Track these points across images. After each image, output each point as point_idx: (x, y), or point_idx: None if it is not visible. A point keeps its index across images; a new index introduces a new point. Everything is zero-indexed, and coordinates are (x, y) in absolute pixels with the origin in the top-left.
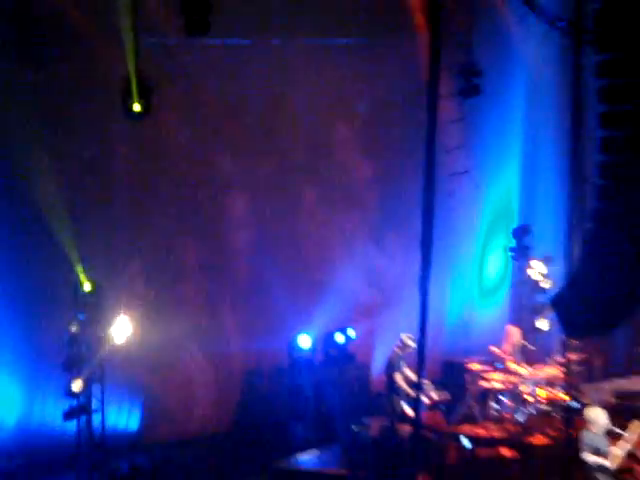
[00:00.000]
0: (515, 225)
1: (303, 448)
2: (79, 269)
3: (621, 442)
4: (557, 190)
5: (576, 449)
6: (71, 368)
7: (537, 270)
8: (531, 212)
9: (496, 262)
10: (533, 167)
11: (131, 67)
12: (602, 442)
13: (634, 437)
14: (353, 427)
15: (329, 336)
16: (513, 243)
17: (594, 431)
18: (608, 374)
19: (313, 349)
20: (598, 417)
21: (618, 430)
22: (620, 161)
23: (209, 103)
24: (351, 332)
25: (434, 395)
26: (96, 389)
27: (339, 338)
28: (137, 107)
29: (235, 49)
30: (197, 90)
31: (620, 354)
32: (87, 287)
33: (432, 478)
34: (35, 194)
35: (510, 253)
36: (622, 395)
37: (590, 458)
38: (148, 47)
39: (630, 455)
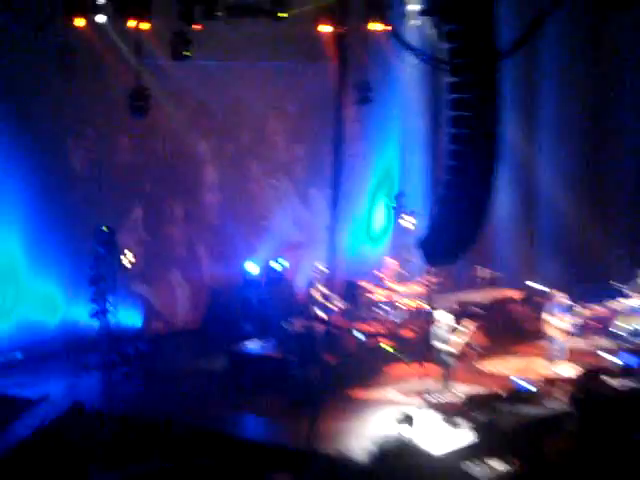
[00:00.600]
0: (396, 189)
1: (250, 338)
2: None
3: (460, 334)
4: (422, 165)
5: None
6: (94, 284)
7: (409, 221)
8: (406, 179)
9: (381, 215)
10: (407, 149)
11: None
12: (447, 335)
13: (468, 331)
14: (284, 324)
15: (269, 264)
16: (394, 203)
17: (442, 328)
18: (454, 289)
19: (258, 272)
20: (445, 318)
21: (459, 326)
22: (464, 151)
23: (189, 105)
24: (283, 262)
25: (339, 304)
26: (111, 297)
27: (276, 265)
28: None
29: (205, 68)
30: (182, 96)
31: (463, 275)
32: (104, 228)
33: (337, 358)
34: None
35: (391, 209)
36: (462, 303)
37: (439, 346)
38: (147, 66)
39: (466, 344)
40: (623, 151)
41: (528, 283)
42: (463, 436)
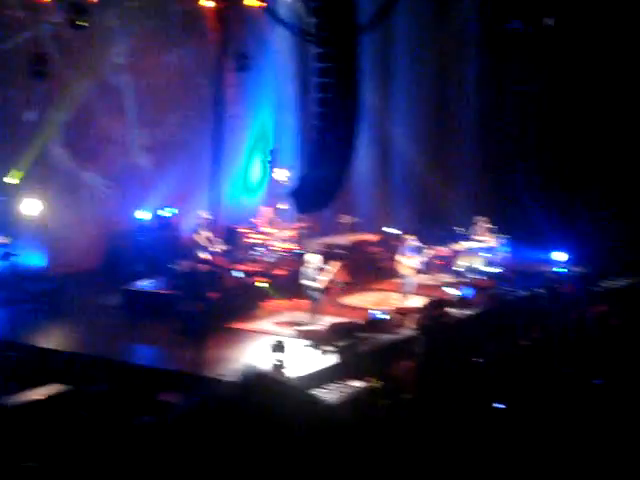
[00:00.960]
0: (270, 146)
1: (142, 277)
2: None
3: (325, 273)
4: (293, 124)
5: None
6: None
7: (282, 174)
8: (279, 138)
9: (257, 169)
10: (280, 111)
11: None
12: (315, 274)
13: (333, 270)
14: (172, 265)
15: (158, 211)
16: (269, 158)
17: (310, 267)
18: (321, 234)
19: (149, 219)
20: (313, 259)
21: (324, 266)
22: (329, 113)
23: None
24: (172, 210)
25: (221, 247)
26: (18, 241)
27: (165, 213)
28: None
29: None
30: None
31: (328, 222)
32: (8, 179)
33: (218, 294)
34: None
35: (267, 164)
36: (327, 246)
37: (307, 283)
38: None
39: (331, 281)
40: (464, 113)
41: (384, 228)
42: (327, 360)
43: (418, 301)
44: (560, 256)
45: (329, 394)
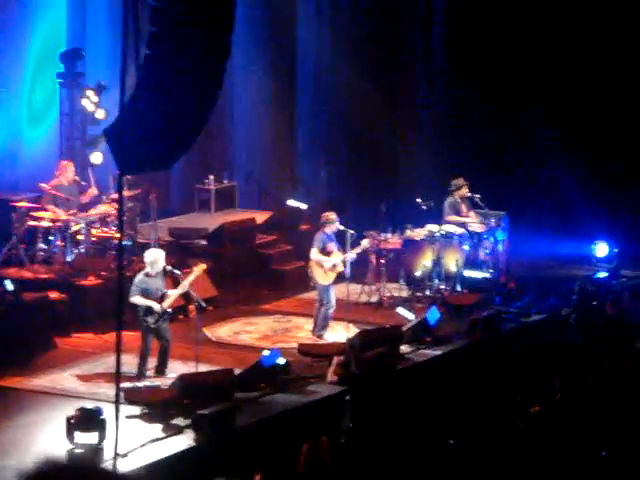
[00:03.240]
0: (63, 48)
1: None
2: None
3: (176, 282)
4: (110, 10)
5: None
6: None
7: (89, 99)
8: (83, 35)
9: (45, 89)
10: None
11: None
12: (157, 283)
13: (190, 277)
14: None
15: None
16: (62, 69)
17: (151, 272)
18: (165, 211)
19: None
20: (156, 257)
21: (174, 270)
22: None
23: None
24: None
25: None
26: None
27: None
28: None
29: None
30: None
31: (179, 191)
32: None
33: None
34: None
35: (58, 80)
36: (177, 233)
37: (139, 300)
38: None
39: (187, 297)
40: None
41: (289, 202)
42: (175, 442)
43: (342, 333)
44: (600, 250)
45: None
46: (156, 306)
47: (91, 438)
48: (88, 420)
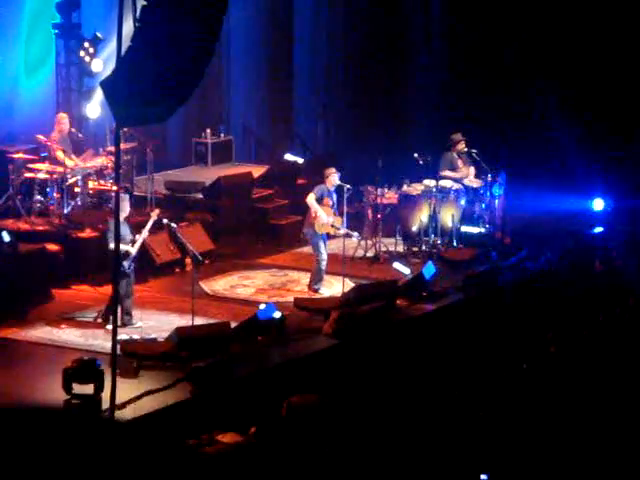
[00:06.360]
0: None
1: None
2: None
3: (170, 233)
4: None
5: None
6: None
7: (86, 51)
8: None
9: (41, 40)
10: None
11: None
12: (125, 229)
13: (179, 228)
14: None
15: None
16: (58, 19)
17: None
18: (162, 165)
19: None
20: (125, 202)
21: (170, 223)
22: None
23: None
24: None
25: None
26: None
27: None
28: None
29: None
30: None
31: (176, 145)
32: None
33: None
34: None
35: (55, 31)
36: (173, 186)
37: (129, 251)
38: None
39: (185, 250)
40: None
41: (287, 155)
42: (172, 395)
43: (338, 287)
44: (596, 204)
45: None
46: (132, 250)
47: (88, 389)
48: (85, 371)
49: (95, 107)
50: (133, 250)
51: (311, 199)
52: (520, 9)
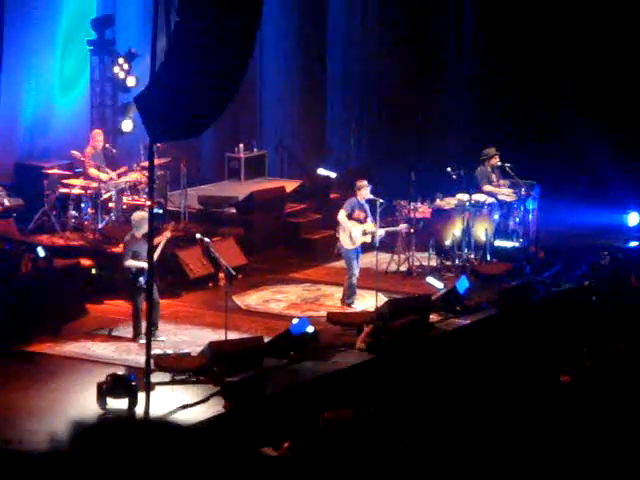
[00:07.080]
0: (94, 15)
1: None
2: None
3: (205, 248)
4: None
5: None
6: None
7: (121, 66)
8: (114, 2)
9: (76, 56)
10: None
11: None
12: (142, 245)
13: (220, 245)
14: None
15: None
16: (93, 36)
17: (137, 234)
18: (195, 180)
19: None
20: (142, 219)
21: (204, 238)
22: None
23: None
24: None
25: (5, 201)
26: None
27: None
28: None
29: None
30: None
31: (209, 160)
32: None
33: (5, 289)
34: None
35: (89, 47)
36: (207, 201)
37: (131, 263)
38: None
39: (219, 264)
40: None
41: (320, 170)
42: (205, 410)
43: (371, 302)
44: (631, 219)
45: None
46: (145, 265)
47: (122, 404)
48: (119, 386)
49: (129, 123)
50: (144, 264)
51: (342, 216)
52: (553, 24)
